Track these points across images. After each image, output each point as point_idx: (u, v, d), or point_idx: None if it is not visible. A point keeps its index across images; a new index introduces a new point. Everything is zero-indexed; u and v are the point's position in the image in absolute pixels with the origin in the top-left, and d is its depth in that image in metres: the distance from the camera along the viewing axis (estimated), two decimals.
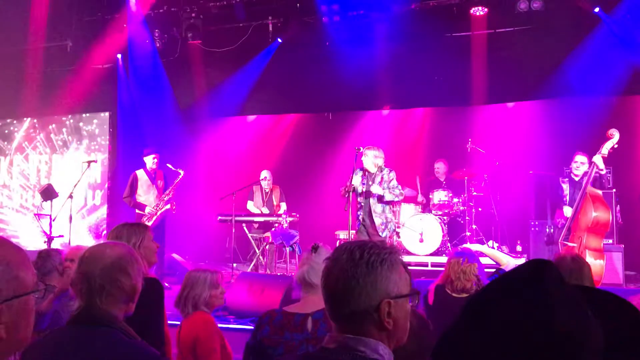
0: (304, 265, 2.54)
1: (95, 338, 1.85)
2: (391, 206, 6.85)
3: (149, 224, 7.87)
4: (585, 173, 6.69)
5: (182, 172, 7.96)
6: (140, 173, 8.08)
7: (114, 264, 1.93)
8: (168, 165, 8.02)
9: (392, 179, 6.62)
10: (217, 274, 3.31)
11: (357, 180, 6.71)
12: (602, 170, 6.43)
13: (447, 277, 3.87)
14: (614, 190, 7.66)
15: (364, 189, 6.63)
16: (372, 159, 6.61)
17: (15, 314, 1.16)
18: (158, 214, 7.88)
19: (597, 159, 6.36)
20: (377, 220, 6.58)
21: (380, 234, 6.57)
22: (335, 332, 1.47)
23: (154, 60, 9.74)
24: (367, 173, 6.69)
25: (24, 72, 10.05)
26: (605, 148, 6.34)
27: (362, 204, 6.68)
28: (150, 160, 8.04)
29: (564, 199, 6.92)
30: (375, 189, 6.55)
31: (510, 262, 6.47)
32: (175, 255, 8.62)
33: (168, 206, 7.92)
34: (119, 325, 1.89)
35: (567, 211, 6.76)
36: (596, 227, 6.31)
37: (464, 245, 7.35)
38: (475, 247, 6.73)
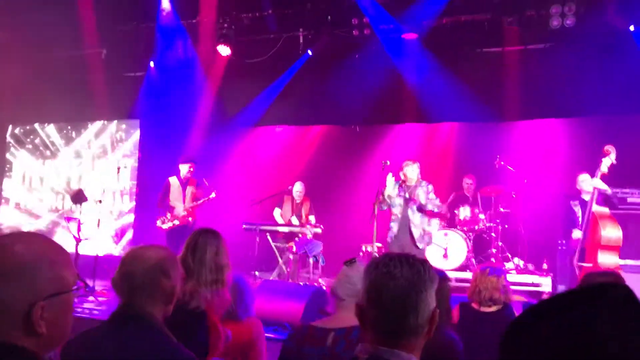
0: (337, 278, 2.56)
1: (134, 336, 1.89)
2: (428, 219, 6.88)
3: (164, 227, 8.01)
4: (592, 193, 6.59)
5: (213, 194, 8.09)
6: (173, 180, 8.23)
7: (156, 266, 1.99)
8: (204, 180, 8.14)
9: (431, 191, 6.76)
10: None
11: (394, 191, 6.73)
12: (605, 190, 6.35)
13: (473, 290, 3.84)
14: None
15: (402, 201, 6.66)
16: (416, 170, 6.71)
17: (56, 310, 1.20)
18: (176, 223, 8.01)
19: (596, 181, 6.31)
20: (416, 232, 6.65)
21: (418, 245, 6.62)
22: (369, 343, 1.48)
23: (185, 69, 9.90)
24: (404, 185, 6.75)
25: (61, 79, 10.28)
26: (604, 165, 6.27)
27: (399, 215, 6.68)
28: (185, 169, 8.21)
29: (577, 221, 6.85)
30: (422, 197, 6.60)
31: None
32: None
33: (190, 218, 8.07)
34: (158, 325, 1.94)
35: (577, 234, 6.70)
36: (607, 244, 6.22)
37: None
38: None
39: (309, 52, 9.23)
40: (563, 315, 0.82)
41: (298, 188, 8.80)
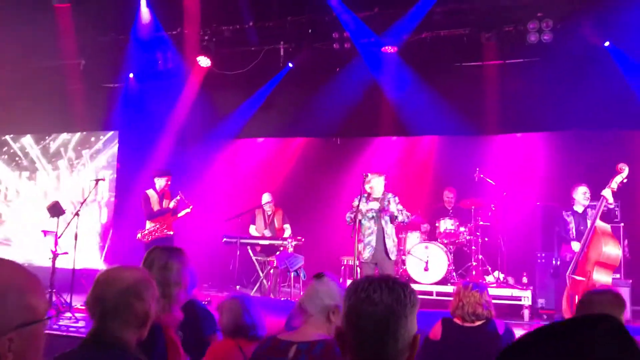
0: (305, 292, 2.56)
1: None
2: (394, 230, 6.92)
3: (143, 240, 7.94)
4: (588, 205, 6.66)
5: (190, 207, 8.03)
6: (150, 192, 8.15)
7: (129, 288, 1.93)
8: (180, 194, 8.08)
9: (398, 202, 6.73)
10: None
11: (364, 206, 6.73)
12: (611, 204, 6.40)
13: (457, 304, 3.83)
14: (622, 224, 7.63)
15: (375, 214, 6.65)
16: (382, 183, 6.70)
17: (25, 342, 1.15)
18: (155, 237, 7.93)
19: (607, 192, 6.33)
20: (389, 243, 6.66)
21: (390, 257, 6.63)
22: None
23: (165, 80, 9.85)
24: (371, 197, 6.74)
25: (39, 89, 10.15)
26: (615, 182, 6.31)
27: (372, 228, 6.67)
28: (163, 182, 8.13)
29: (570, 233, 6.88)
30: (393, 207, 6.61)
31: None
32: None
33: (170, 232, 7.99)
34: (131, 350, 1.89)
35: (575, 246, 6.71)
36: (606, 261, 6.25)
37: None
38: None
39: (290, 64, 9.24)
40: (563, 340, 0.87)
41: (266, 199, 8.77)
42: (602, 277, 6.24)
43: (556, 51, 7.96)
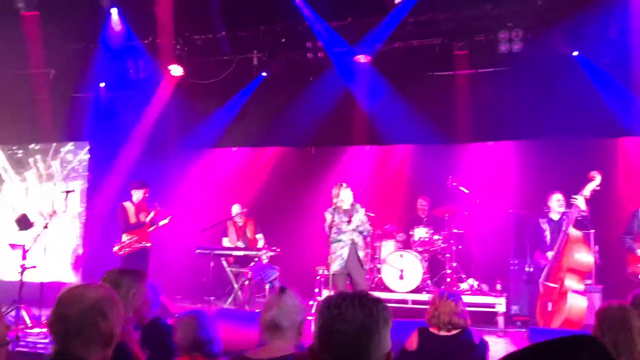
0: (273, 308, 2.48)
1: None
2: (364, 240, 6.93)
3: (120, 253, 7.84)
4: (564, 213, 6.74)
5: (169, 218, 7.95)
6: (127, 205, 8.04)
7: (93, 307, 1.87)
8: (157, 205, 7.99)
9: (363, 214, 6.71)
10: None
11: (337, 218, 6.72)
12: (584, 211, 6.48)
13: (432, 313, 3.84)
14: (593, 230, 7.75)
15: (346, 225, 6.63)
16: (350, 195, 6.69)
17: None
18: (132, 248, 7.83)
19: (580, 200, 6.41)
20: (361, 254, 6.65)
21: (364, 267, 6.64)
22: None
23: (137, 90, 9.73)
24: (343, 210, 6.72)
25: (7, 99, 9.94)
26: (587, 189, 6.40)
27: (344, 240, 6.63)
28: (140, 194, 8.04)
29: (545, 240, 6.95)
30: (356, 219, 6.60)
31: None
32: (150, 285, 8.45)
33: (148, 243, 7.89)
34: None
35: (550, 254, 6.78)
36: (578, 268, 6.33)
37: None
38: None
39: (264, 74, 9.21)
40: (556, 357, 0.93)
41: (236, 210, 8.74)
42: (574, 284, 6.32)
43: (526, 60, 8.08)
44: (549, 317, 6.38)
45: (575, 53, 7.89)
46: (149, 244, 8.01)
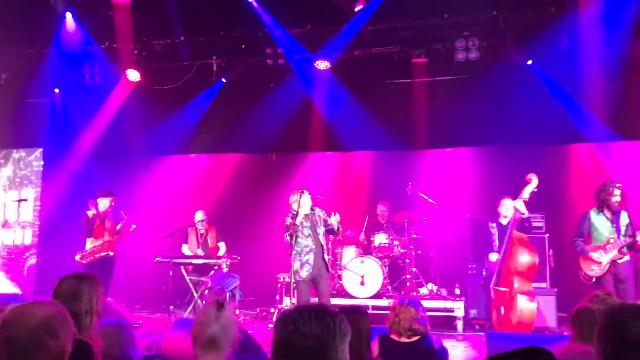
0: (213, 323, 2.36)
1: None
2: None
3: (84, 261, 7.68)
4: (512, 216, 6.87)
5: (134, 226, 7.82)
6: (91, 214, 7.86)
7: (41, 326, 1.75)
8: (122, 213, 7.84)
9: (326, 214, 6.73)
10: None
11: (297, 222, 6.67)
12: (523, 214, 6.65)
13: (393, 320, 3.86)
14: (547, 235, 7.97)
15: (310, 231, 6.57)
16: (310, 200, 6.67)
17: None
18: (95, 257, 7.68)
19: (519, 203, 6.59)
20: (326, 257, 6.64)
21: (329, 270, 6.62)
22: None
23: (93, 95, 9.53)
24: (304, 214, 6.66)
25: None
26: (526, 192, 6.59)
27: (310, 246, 6.58)
28: (107, 202, 7.89)
29: (493, 244, 7.11)
30: (333, 220, 6.56)
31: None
32: (108, 299, 8.28)
33: (110, 252, 7.74)
34: None
35: (493, 257, 6.95)
36: (525, 270, 6.49)
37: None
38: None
39: (223, 80, 9.14)
40: None
41: (199, 217, 8.63)
42: (523, 287, 6.48)
43: (483, 69, 8.24)
44: (503, 320, 6.51)
45: (529, 62, 8.10)
46: (111, 253, 7.84)
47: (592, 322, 2.90)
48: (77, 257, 7.79)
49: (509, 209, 7.02)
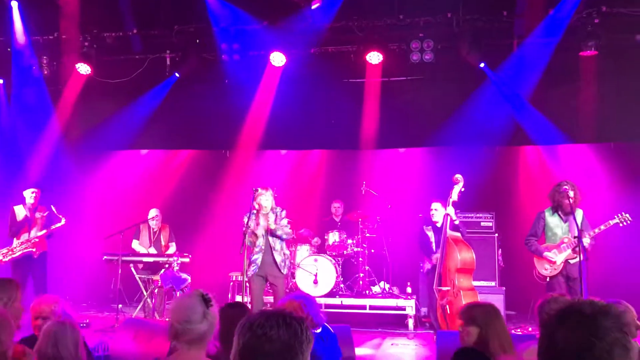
0: (202, 321, 2.35)
1: None
2: (285, 243, 6.79)
3: (5, 260, 7.39)
4: (444, 219, 6.95)
5: (63, 220, 7.52)
6: (18, 209, 7.57)
7: None
8: (52, 208, 7.55)
9: (284, 217, 6.63)
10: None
11: (252, 223, 6.59)
12: (455, 220, 6.79)
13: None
14: (496, 234, 8.15)
15: (263, 231, 6.50)
16: (270, 198, 6.57)
17: None
18: (16, 254, 7.38)
19: (450, 210, 6.77)
20: (278, 258, 6.48)
21: (282, 270, 6.49)
22: None
23: (40, 87, 9.20)
24: (262, 213, 6.58)
25: None
26: (454, 193, 6.74)
27: (263, 246, 6.51)
28: (28, 195, 7.57)
29: (430, 246, 7.21)
30: (271, 220, 6.48)
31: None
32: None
33: (33, 249, 7.46)
34: None
35: (436, 258, 7.03)
36: (464, 266, 6.63)
37: None
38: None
39: (177, 74, 8.97)
40: None
41: (153, 214, 8.42)
42: (464, 282, 6.61)
43: (437, 70, 8.35)
44: (450, 319, 6.62)
45: (482, 65, 8.25)
46: (34, 249, 7.53)
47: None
48: None
49: (439, 212, 7.09)
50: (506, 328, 3.08)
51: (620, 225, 6.05)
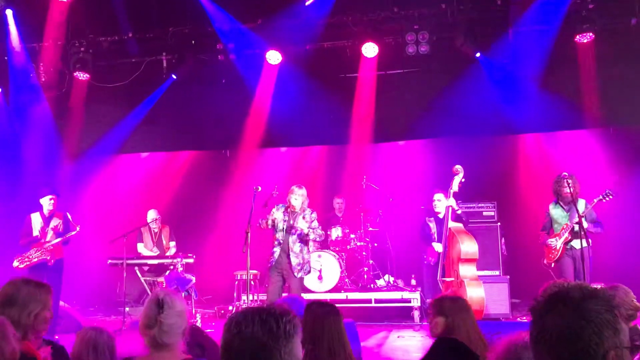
0: (153, 326, 2.29)
1: None
2: (308, 248, 6.74)
3: (21, 266, 7.37)
4: (446, 210, 6.99)
5: (78, 228, 7.50)
6: (34, 217, 7.50)
7: None
8: (68, 215, 7.53)
9: (314, 220, 6.63)
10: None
11: (279, 215, 6.60)
12: (457, 210, 6.84)
13: None
14: (499, 223, 8.14)
15: (286, 226, 6.52)
16: (302, 197, 6.58)
17: None
18: (32, 261, 7.37)
19: (452, 202, 6.82)
20: (294, 260, 6.48)
21: (295, 274, 6.47)
22: None
23: (38, 94, 9.21)
24: (290, 210, 6.60)
25: None
26: (455, 184, 6.77)
27: (281, 241, 6.54)
28: (46, 202, 7.53)
29: (432, 237, 7.24)
30: (302, 224, 6.48)
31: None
32: (61, 303, 8.04)
33: (48, 257, 7.45)
34: None
35: (438, 247, 7.07)
36: (466, 257, 6.66)
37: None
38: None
39: (174, 76, 8.98)
40: None
41: (152, 216, 8.49)
42: (468, 272, 6.64)
43: (433, 62, 8.34)
44: None
45: (478, 55, 8.24)
46: (48, 257, 7.52)
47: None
48: (15, 263, 7.43)
49: (442, 203, 7.12)
50: (475, 321, 3.20)
51: (603, 201, 6.20)
